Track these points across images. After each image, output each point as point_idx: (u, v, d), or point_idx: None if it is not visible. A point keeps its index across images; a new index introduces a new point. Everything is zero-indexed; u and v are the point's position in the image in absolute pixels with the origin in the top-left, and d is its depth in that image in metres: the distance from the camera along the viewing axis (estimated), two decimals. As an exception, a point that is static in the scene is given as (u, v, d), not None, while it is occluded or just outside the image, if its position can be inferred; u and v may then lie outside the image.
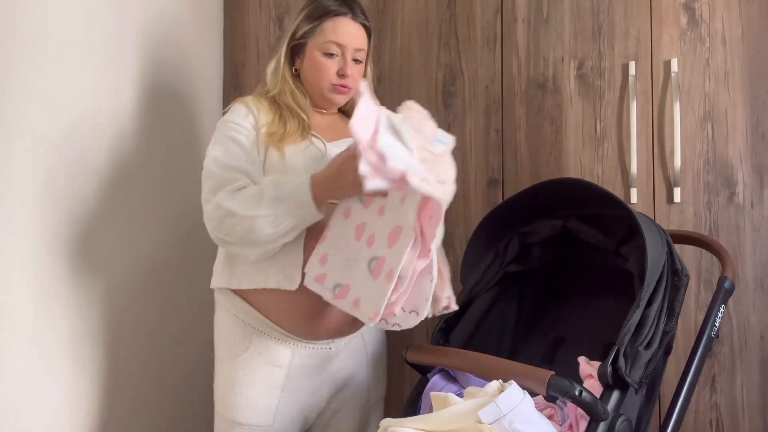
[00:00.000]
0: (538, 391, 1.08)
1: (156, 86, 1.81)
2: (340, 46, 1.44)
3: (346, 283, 1.24)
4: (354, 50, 1.45)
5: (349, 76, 1.45)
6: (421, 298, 1.19)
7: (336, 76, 1.45)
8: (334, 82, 1.46)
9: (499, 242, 1.48)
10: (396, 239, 1.18)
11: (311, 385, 1.44)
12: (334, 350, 1.45)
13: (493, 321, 1.48)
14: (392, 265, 1.15)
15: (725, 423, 1.59)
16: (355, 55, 1.46)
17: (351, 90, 1.48)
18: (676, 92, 1.64)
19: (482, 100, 1.83)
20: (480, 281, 1.46)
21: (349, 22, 1.45)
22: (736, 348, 1.59)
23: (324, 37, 1.45)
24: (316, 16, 1.46)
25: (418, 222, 1.16)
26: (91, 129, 1.60)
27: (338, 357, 1.46)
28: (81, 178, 1.57)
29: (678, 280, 1.24)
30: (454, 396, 1.07)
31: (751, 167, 1.60)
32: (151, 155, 1.77)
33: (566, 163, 1.74)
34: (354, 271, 1.23)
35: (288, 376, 1.41)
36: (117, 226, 1.66)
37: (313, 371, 1.44)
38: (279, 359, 1.40)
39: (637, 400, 1.16)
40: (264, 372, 1.40)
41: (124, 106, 1.71)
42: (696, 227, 1.62)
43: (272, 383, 1.40)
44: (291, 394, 1.42)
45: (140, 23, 1.76)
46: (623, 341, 1.13)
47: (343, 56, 1.45)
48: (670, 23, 1.67)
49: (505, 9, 1.82)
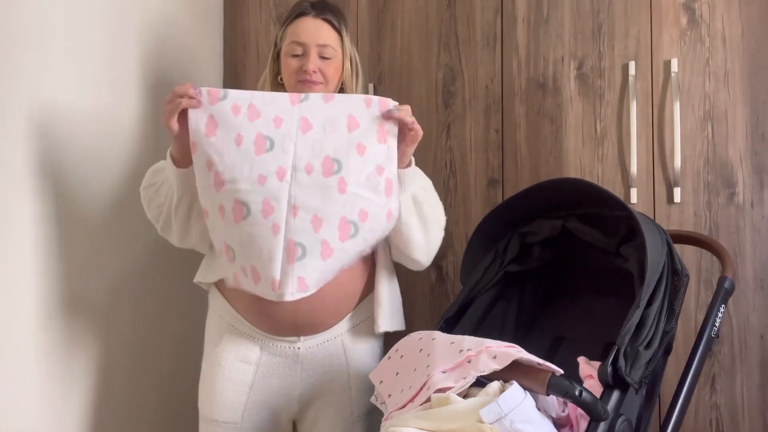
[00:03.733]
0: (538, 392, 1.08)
1: (156, 86, 1.81)
2: (302, 45, 1.46)
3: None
4: (317, 46, 1.46)
5: (313, 71, 1.44)
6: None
7: (300, 73, 1.45)
8: (298, 79, 1.46)
9: (499, 242, 1.48)
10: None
11: (282, 385, 1.43)
12: (304, 350, 1.42)
13: (493, 321, 1.48)
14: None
15: (725, 423, 1.59)
16: (320, 51, 1.46)
17: (319, 84, 1.46)
18: (676, 92, 1.64)
19: (482, 100, 1.83)
20: (480, 281, 1.46)
21: (308, 20, 1.47)
22: (736, 348, 1.59)
23: (288, 39, 1.48)
24: (283, 20, 1.51)
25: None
26: (91, 129, 1.60)
27: (312, 359, 1.43)
28: (81, 178, 1.57)
29: (678, 280, 1.24)
30: (455, 395, 1.06)
31: (751, 167, 1.60)
32: (151, 155, 1.77)
33: (566, 163, 1.74)
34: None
35: (257, 374, 1.41)
36: (111, 227, 1.66)
37: (283, 370, 1.42)
38: (248, 355, 1.41)
39: (637, 400, 1.16)
40: (233, 368, 1.41)
41: (124, 106, 1.71)
42: (696, 227, 1.62)
43: (241, 380, 1.41)
44: (260, 393, 1.42)
45: (140, 23, 1.76)
46: (623, 341, 1.13)
47: (305, 54, 1.45)
48: (670, 23, 1.67)
49: (505, 9, 1.82)
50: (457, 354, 1.11)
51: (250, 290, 1.33)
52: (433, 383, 1.09)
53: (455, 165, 1.84)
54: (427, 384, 1.11)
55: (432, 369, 1.12)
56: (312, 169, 1.31)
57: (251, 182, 1.29)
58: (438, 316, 1.54)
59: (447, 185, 1.84)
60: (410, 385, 1.14)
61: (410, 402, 1.12)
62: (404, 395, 1.14)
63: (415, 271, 1.54)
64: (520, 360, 1.06)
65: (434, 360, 1.13)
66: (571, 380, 1.03)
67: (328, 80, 1.48)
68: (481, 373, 1.07)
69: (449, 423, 1.03)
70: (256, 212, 1.28)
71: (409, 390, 1.14)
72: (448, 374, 1.10)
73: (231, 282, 1.36)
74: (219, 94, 1.31)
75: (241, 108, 1.31)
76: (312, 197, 1.30)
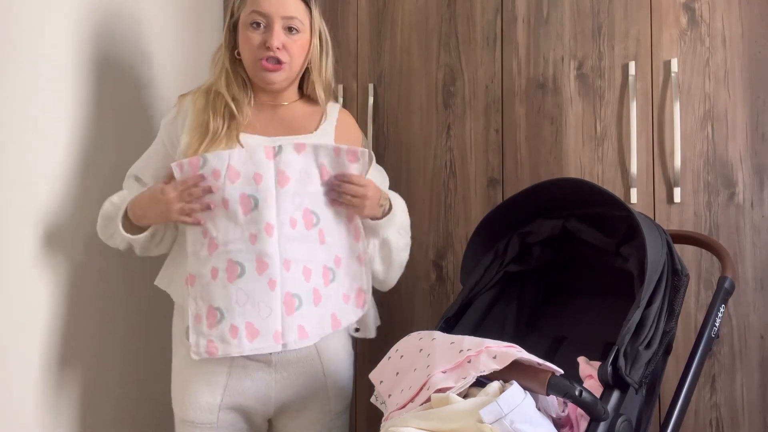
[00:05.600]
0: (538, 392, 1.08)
1: (155, 86, 1.81)
2: (264, 16, 1.35)
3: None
4: (282, 18, 1.35)
5: (277, 48, 1.35)
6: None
7: (262, 49, 1.35)
8: (260, 57, 1.36)
9: (499, 242, 1.48)
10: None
11: (257, 388, 1.39)
12: (276, 357, 1.38)
13: (493, 321, 1.48)
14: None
15: (725, 423, 1.59)
16: (286, 23, 1.36)
17: (284, 65, 1.38)
18: (676, 92, 1.64)
19: (482, 100, 1.83)
20: (480, 281, 1.46)
21: None
22: (736, 348, 1.59)
23: (248, 8, 1.37)
24: None
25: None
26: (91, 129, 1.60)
27: (286, 364, 1.39)
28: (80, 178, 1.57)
29: (678, 280, 1.24)
30: (454, 395, 1.06)
31: (751, 167, 1.60)
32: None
33: (566, 163, 1.74)
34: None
35: (230, 375, 1.38)
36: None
37: (257, 374, 1.38)
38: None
39: (637, 400, 1.16)
40: (205, 370, 1.38)
41: (124, 106, 1.71)
42: (696, 227, 1.62)
43: (214, 381, 1.38)
44: (234, 395, 1.38)
45: (140, 23, 1.76)
46: (623, 341, 1.13)
47: (268, 27, 1.35)
48: (670, 23, 1.67)
49: (505, 9, 1.82)
50: (457, 354, 1.11)
51: (226, 354, 1.32)
52: (433, 383, 1.09)
53: (455, 165, 1.84)
54: (427, 384, 1.11)
55: (432, 369, 1.12)
56: (296, 223, 1.35)
57: (243, 242, 1.32)
58: (438, 316, 1.54)
59: (447, 185, 1.84)
60: (410, 385, 1.14)
61: (410, 402, 1.12)
62: (404, 395, 1.14)
63: (415, 272, 1.54)
64: (520, 360, 1.06)
65: (434, 360, 1.13)
66: (571, 380, 1.03)
67: (293, 58, 1.39)
68: (481, 373, 1.07)
69: (449, 423, 1.03)
70: (251, 270, 1.32)
71: (409, 390, 1.14)
72: (448, 374, 1.10)
73: (201, 351, 1.32)
74: (198, 162, 1.33)
75: (220, 171, 1.32)
76: (299, 249, 1.35)
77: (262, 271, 1.32)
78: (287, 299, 1.33)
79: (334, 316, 1.41)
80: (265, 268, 1.32)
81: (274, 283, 1.32)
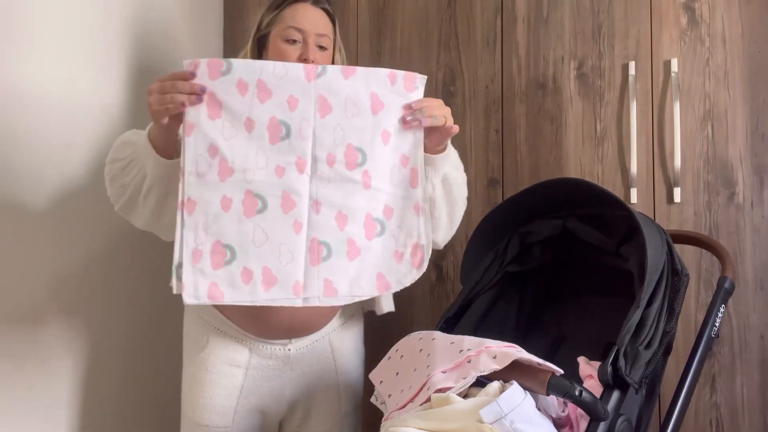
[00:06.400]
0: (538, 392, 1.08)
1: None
2: (301, 32, 1.39)
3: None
4: (316, 35, 1.40)
5: (312, 61, 1.37)
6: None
7: (299, 62, 1.36)
8: None
9: (499, 242, 1.48)
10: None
11: (272, 387, 1.39)
12: (294, 352, 1.40)
13: (493, 321, 1.48)
14: None
15: (725, 423, 1.59)
16: (317, 41, 1.41)
17: None
18: (676, 92, 1.64)
19: (482, 99, 1.83)
20: (480, 281, 1.46)
21: (308, 7, 1.42)
22: (736, 348, 1.59)
23: (284, 24, 1.40)
24: (276, 5, 1.44)
25: None
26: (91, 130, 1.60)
27: (301, 360, 1.40)
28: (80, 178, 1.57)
29: (678, 280, 1.24)
30: (454, 395, 1.06)
31: (751, 167, 1.60)
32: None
33: (566, 163, 1.74)
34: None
35: (246, 377, 1.37)
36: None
37: (273, 373, 1.39)
38: (237, 358, 1.37)
39: (637, 400, 1.16)
40: (222, 372, 1.36)
41: (123, 107, 1.71)
42: (696, 227, 1.62)
43: (230, 384, 1.36)
44: (250, 396, 1.38)
45: (139, 23, 1.76)
46: (623, 341, 1.13)
47: (304, 42, 1.39)
48: (670, 23, 1.67)
49: (505, 9, 1.82)
50: (457, 354, 1.11)
51: (235, 301, 1.16)
52: (433, 383, 1.09)
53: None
54: (427, 384, 1.11)
55: (432, 369, 1.12)
56: (334, 161, 1.20)
57: (267, 172, 1.16)
58: (438, 316, 1.54)
59: (447, 185, 1.84)
60: (410, 385, 1.14)
61: (410, 402, 1.12)
62: (404, 395, 1.14)
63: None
64: (520, 360, 1.06)
65: (434, 360, 1.13)
66: (571, 380, 1.03)
67: None
68: (481, 373, 1.07)
69: (449, 423, 1.03)
70: (275, 207, 1.16)
71: (409, 390, 1.14)
72: (448, 374, 1.10)
73: (200, 294, 1.14)
74: (221, 66, 1.14)
75: (248, 86, 1.15)
76: (335, 192, 1.20)
77: (288, 210, 1.16)
78: (313, 246, 1.18)
79: (381, 277, 1.24)
80: (292, 206, 1.16)
81: (301, 226, 1.17)
